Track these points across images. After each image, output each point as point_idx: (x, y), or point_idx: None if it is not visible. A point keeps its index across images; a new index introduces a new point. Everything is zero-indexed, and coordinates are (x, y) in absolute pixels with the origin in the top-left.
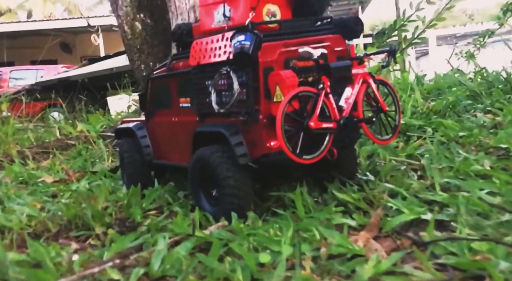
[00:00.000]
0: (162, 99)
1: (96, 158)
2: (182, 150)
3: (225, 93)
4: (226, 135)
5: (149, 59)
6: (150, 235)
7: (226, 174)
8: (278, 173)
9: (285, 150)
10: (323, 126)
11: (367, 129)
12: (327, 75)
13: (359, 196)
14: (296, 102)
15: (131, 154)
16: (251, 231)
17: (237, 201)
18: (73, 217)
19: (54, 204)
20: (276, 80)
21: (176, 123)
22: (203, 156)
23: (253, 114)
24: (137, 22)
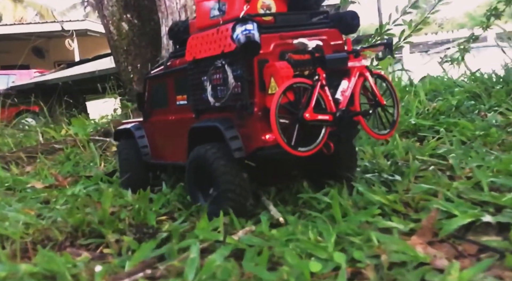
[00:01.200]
0: (160, 98)
1: (87, 162)
2: (179, 148)
3: (220, 87)
4: (221, 129)
5: (136, 61)
6: (173, 242)
7: (223, 169)
8: (275, 171)
9: (279, 141)
10: (318, 118)
11: (365, 123)
12: (323, 67)
13: (395, 197)
14: (291, 94)
15: (129, 154)
16: (290, 237)
17: (234, 197)
18: (79, 223)
19: (51, 210)
20: (270, 72)
21: (173, 122)
22: (199, 154)
23: (248, 107)
24: (123, 22)
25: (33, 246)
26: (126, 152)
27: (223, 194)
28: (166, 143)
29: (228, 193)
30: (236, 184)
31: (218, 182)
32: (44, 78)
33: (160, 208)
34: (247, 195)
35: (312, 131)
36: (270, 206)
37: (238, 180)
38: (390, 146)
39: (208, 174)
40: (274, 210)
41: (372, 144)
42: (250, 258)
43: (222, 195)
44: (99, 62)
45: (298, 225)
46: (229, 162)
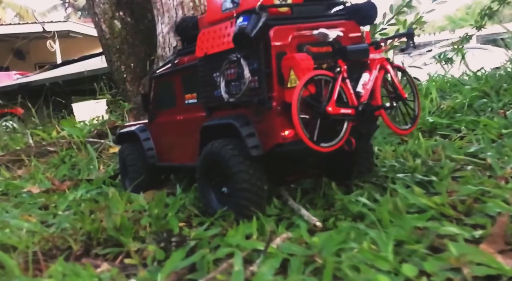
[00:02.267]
0: (166, 98)
1: (83, 165)
2: (188, 149)
3: (235, 83)
4: (237, 126)
5: (130, 60)
6: (205, 251)
7: (239, 167)
8: (291, 169)
9: (302, 136)
10: (341, 112)
11: (386, 118)
12: (344, 58)
13: (442, 200)
14: (312, 87)
15: (135, 157)
16: (342, 245)
17: (250, 196)
18: (94, 231)
19: (55, 216)
20: (290, 64)
21: (181, 122)
22: (213, 150)
23: (266, 102)
24: (116, 20)
25: (44, 257)
26: (131, 155)
27: (238, 193)
28: (174, 144)
29: (243, 192)
30: (253, 183)
31: (233, 180)
32: (29, 80)
33: (175, 213)
34: (264, 195)
35: (332, 126)
36: (302, 210)
37: (254, 179)
38: (412, 145)
39: (222, 172)
40: (307, 214)
41: (389, 143)
42: (296, 269)
43: (237, 194)
44: (87, 63)
45: (351, 232)
46: (246, 159)
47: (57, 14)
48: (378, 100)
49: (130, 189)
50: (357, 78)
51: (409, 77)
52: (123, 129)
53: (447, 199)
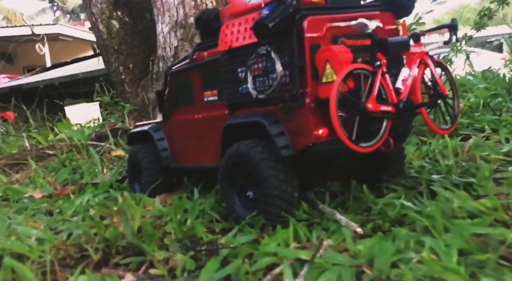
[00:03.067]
0: (183, 96)
1: (86, 169)
2: (208, 149)
3: (263, 78)
4: (265, 124)
5: (128, 60)
6: (240, 262)
7: (269, 172)
8: (319, 172)
9: (340, 135)
10: (381, 110)
11: (427, 116)
12: (384, 52)
13: (493, 203)
14: (350, 82)
15: (149, 159)
16: (400, 256)
17: (280, 204)
18: (113, 238)
19: (63, 223)
20: (326, 57)
21: (200, 121)
22: (240, 152)
23: (299, 98)
24: (113, 20)
25: (60, 267)
26: (145, 157)
27: (267, 200)
28: (191, 144)
29: (273, 199)
30: (284, 189)
31: (263, 186)
32: (20, 82)
33: (195, 218)
34: (294, 202)
35: (367, 126)
36: (337, 214)
37: (285, 185)
38: (436, 145)
39: (249, 175)
40: (344, 219)
41: (408, 143)
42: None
43: (267, 200)
44: (81, 65)
45: (410, 239)
46: (277, 163)
47: (45, 17)
48: (418, 98)
49: (141, 191)
50: (395, 74)
51: (449, 73)
52: (135, 129)
53: (498, 203)
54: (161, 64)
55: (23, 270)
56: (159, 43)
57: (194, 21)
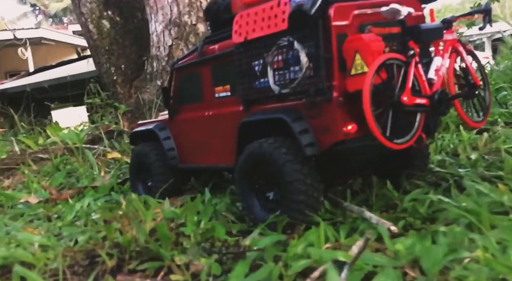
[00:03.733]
0: (191, 92)
1: (83, 172)
2: (220, 148)
3: (285, 71)
4: (287, 121)
5: (120, 61)
6: (272, 265)
7: (295, 176)
8: (341, 171)
9: (375, 131)
10: (416, 102)
11: (461, 109)
12: (416, 40)
13: None
14: (383, 73)
15: (157, 159)
16: (454, 256)
17: (304, 209)
18: (127, 243)
19: (66, 228)
20: (355, 46)
21: (210, 118)
22: (263, 152)
23: (325, 92)
24: (104, 20)
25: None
26: (152, 157)
27: (291, 204)
28: (200, 143)
29: (298, 204)
30: (310, 194)
31: (287, 189)
32: (5, 86)
33: (208, 220)
34: (319, 206)
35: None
36: (365, 212)
37: (312, 190)
38: (450, 139)
39: (269, 176)
40: (375, 217)
41: None
42: None
43: (291, 205)
44: (68, 68)
45: (464, 238)
46: (303, 166)
47: (27, 21)
48: (451, 89)
49: (146, 193)
50: (426, 63)
51: (479, 62)
52: (137, 128)
53: None
54: (155, 64)
55: (35, 279)
56: (152, 43)
57: (203, 12)
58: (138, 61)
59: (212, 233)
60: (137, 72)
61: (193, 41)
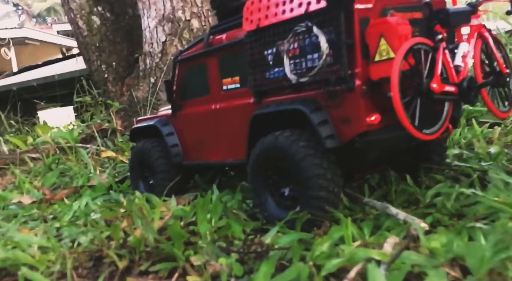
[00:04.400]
0: (196, 85)
1: (77, 171)
2: (229, 143)
3: (302, 59)
4: (305, 112)
5: (111, 58)
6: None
7: (315, 171)
8: (359, 165)
9: (404, 121)
10: (445, 90)
11: (488, 98)
12: (444, 24)
13: None
14: (411, 59)
15: (159, 156)
16: (506, 255)
17: (325, 206)
18: (137, 244)
19: (68, 229)
20: (380, 31)
21: (218, 112)
22: (279, 146)
23: (348, 80)
24: (94, 16)
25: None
26: (154, 154)
27: (311, 201)
28: (207, 138)
29: (318, 201)
30: (330, 190)
31: (306, 185)
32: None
33: (219, 218)
34: (339, 202)
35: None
36: (390, 208)
37: (333, 185)
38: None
39: (285, 171)
40: (403, 213)
41: None
42: None
43: (310, 202)
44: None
45: (478, 233)
46: (323, 160)
47: (10, 21)
48: (478, 76)
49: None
50: (451, 50)
51: (504, 49)
52: (138, 124)
53: None
54: (148, 60)
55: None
56: (145, 39)
57: (209, 1)
58: (130, 58)
59: (227, 231)
60: (129, 70)
61: (187, 37)
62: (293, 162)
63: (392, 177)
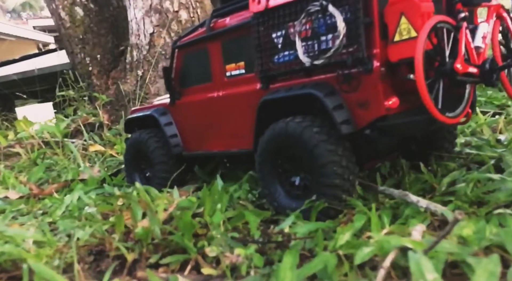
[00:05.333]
0: (196, 72)
1: (65, 166)
2: (234, 132)
3: (315, 40)
4: (319, 97)
5: (95, 51)
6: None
7: (329, 158)
8: (370, 154)
9: (428, 104)
10: (469, 71)
11: (507, 81)
12: (465, 2)
13: None
14: (433, 38)
15: (157, 146)
16: None
17: (340, 194)
18: (144, 236)
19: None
20: (400, 9)
21: (221, 100)
22: (290, 132)
23: (366, 62)
24: (77, 7)
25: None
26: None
27: (325, 190)
28: (209, 128)
29: (332, 189)
30: (346, 178)
31: (320, 173)
32: None
33: (226, 209)
34: (354, 190)
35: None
36: (410, 196)
37: (348, 173)
38: None
39: (296, 158)
40: (424, 201)
41: None
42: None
43: (324, 190)
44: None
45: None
46: (338, 147)
47: None
48: (497, 58)
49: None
50: (471, 30)
51: None
52: (133, 114)
53: None
54: (135, 53)
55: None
56: (131, 31)
57: None
58: (115, 50)
59: (238, 222)
60: (114, 63)
61: (175, 29)
62: (305, 149)
63: (404, 166)
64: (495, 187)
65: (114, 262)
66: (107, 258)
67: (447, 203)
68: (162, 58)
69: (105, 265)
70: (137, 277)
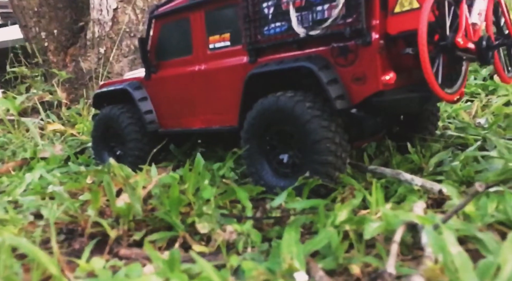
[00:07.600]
0: (176, 44)
1: (21, 144)
2: (217, 108)
3: (310, 10)
4: (314, 70)
5: (52, 25)
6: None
7: (322, 134)
8: (358, 133)
9: (430, 79)
10: (468, 47)
11: (499, 62)
12: None
13: None
14: (435, 10)
15: (130, 122)
16: None
17: (332, 172)
18: (125, 213)
19: (27, 202)
20: None
21: (203, 74)
22: (281, 107)
23: (364, 33)
24: None
25: None
26: (127, 120)
27: (316, 167)
28: (189, 104)
29: (324, 166)
30: (338, 155)
31: (312, 149)
32: None
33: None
34: (345, 169)
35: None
36: (403, 174)
37: (340, 150)
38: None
39: (285, 134)
40: (419, 179)
41: None
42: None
43: (315, 168)
44: None
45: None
46: (332, 122)
47: None
48: (491, 36)
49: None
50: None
51: (508, 13)
52: (103, 88)
53: None
54: (96, 29)
55: (34, 251)
56: (93, 5)
57: None
58: (74, 26)
59: (227, 198)
60: (73, 39)
61: (140, 6)
62: (297, 125)
63: (390, 146)
64: (483, 167)
65: (90, 241)
66: (79, 237)
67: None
68: (126, 36)
69: (79, 244)
70: (120, 254)
